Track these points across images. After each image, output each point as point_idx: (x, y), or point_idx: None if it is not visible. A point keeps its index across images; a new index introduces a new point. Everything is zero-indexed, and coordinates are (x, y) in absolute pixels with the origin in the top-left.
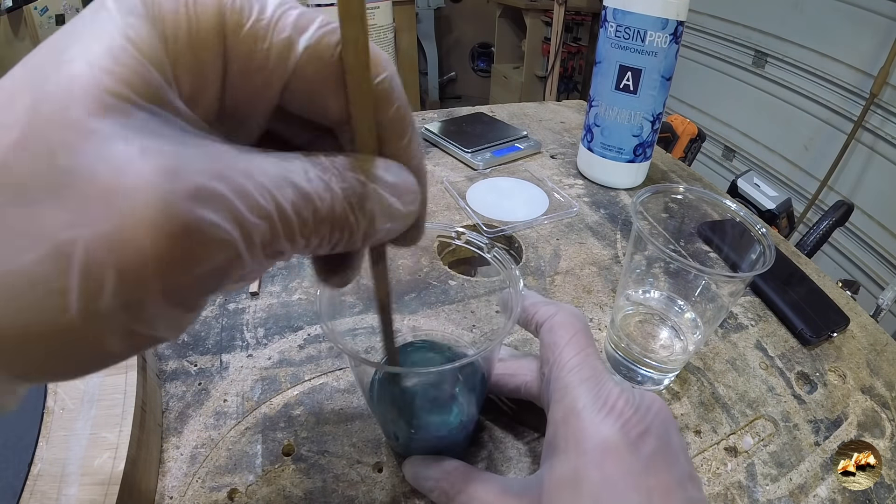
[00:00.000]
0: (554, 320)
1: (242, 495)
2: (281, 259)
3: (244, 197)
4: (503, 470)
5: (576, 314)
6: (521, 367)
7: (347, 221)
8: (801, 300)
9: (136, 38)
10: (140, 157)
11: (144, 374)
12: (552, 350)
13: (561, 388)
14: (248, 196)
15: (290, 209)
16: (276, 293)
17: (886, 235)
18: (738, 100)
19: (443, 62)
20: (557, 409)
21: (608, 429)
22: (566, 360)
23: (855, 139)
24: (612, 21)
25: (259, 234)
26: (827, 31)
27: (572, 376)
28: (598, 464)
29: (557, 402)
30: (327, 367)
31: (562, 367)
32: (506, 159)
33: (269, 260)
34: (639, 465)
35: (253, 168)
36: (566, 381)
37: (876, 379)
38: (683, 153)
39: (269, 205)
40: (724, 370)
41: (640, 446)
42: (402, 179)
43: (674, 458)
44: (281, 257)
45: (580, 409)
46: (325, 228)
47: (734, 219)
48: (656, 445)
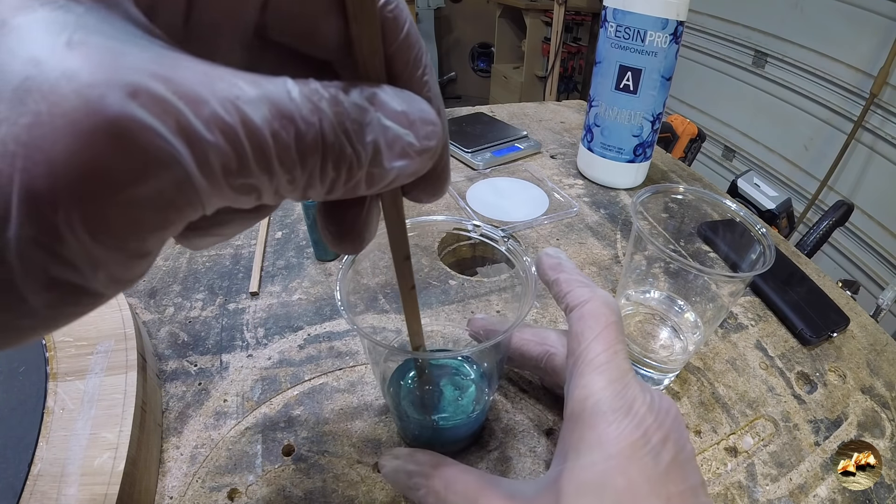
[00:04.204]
0: (585, 308)
1: (242, 495)
2: (259, 200)
3: (196, 104)
4: (504, 469)
5: (609, 304)
6: (548, 338)
7: (343, 154)
8: (801, 300)
9: None
10: (64, 50)
11: (144, 374)
12: (579, 341)
13: (584, 385)
14: (201, 104)
15: (265, 128)
16: (276, 293)
17: (886, 235)
18: (738, 100)
19: (443, 62)
20: (580, 408)
21: (631, 435)
22: (593, 357)
23: (855, 139)
24: (612, 21)
25: (218, 154)
26: (827, 31)
27: (598, 376)
28: (624, 470)
29: (580, 400)
30: (327, 367)
31: (588, 362)
32: (506, 159)
33: (239, 196)
34: (659, 471)
35: (215, 77)
36: (590, 380)
37: (876, 379)
38: (683, 153)
39: (233, 118)
40: (724, 370)
41: (661, 453)
42: (413, 107)
43: (689, 465)
44: (257, 195)
45: (605, 413)
46: (313, 160)
47: (734, 219)
48: (674, 452)
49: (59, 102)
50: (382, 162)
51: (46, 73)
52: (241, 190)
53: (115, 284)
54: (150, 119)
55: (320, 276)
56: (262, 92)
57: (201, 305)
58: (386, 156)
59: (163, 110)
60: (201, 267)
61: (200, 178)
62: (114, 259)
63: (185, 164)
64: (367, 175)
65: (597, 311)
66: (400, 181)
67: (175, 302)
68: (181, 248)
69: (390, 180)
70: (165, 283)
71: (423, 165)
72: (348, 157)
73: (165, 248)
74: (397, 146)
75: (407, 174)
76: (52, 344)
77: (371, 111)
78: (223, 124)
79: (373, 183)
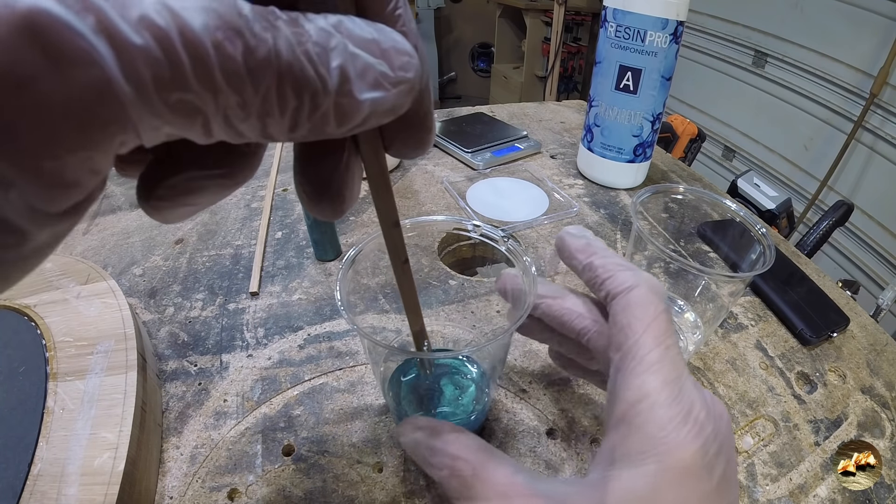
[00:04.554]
0: (631, 296)
1: (242, 495)
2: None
3: (123, 5)
4: None
5: (657, 289)
6: (591, 311)
7: (305, 76)
8: (801, 300)
9: None
10: None
11: (144, 374)
12: (626, 335)
13: (637, 387)
14: (130, 5)
15: (205, 37)
16: (276, 293)
17: (886, 235)
18: (738, 100)
19: (443, 62)
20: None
21: (691, 445)
22: (644, 354)
23: (855, 139)
24: (612, 21)
25: (147, 60)
26: (827, 31)
27: (651, 376)
28: (678, 484)
29: (633, 403)
30: (327, 367)
31: (639, 360)
32: (506, 159)
33: (178, 117)
34: (711, 487)
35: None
36: (644, 382)
37: (876, 379)
38: (683, 153)
39: (166, 22)
40: (724, 370)
41: (714, 467)
42: (384, 37)
43: (734, 479)
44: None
45: (662, 419)
46: (266, 79)
47: (734, 219)
48: (725, 466)
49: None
50: (353, 91)
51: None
52: (180, 110)
53: (38, 218)
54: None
55: (320, 276)
56: (205, 2)
57: (201, 305)
58: (356, 85)
59: (83, 7)
60: (201, 267)
61: (125, 85)
62: (29, 181)
63: (106, 67)
64: (335, 106)
65: (645, 300)
66: (376, 118)
67: (175, 302)
68: (181, 248)
69: (364, 115)
70: (165, 283)
71: (399, 100)
72: (311, 81)
73: (165, 248)
74: (369, 75)
75: (383, 110)
76: (52, 344)
77: (337, 36)
78: (154, 27)
79: (344, 117)
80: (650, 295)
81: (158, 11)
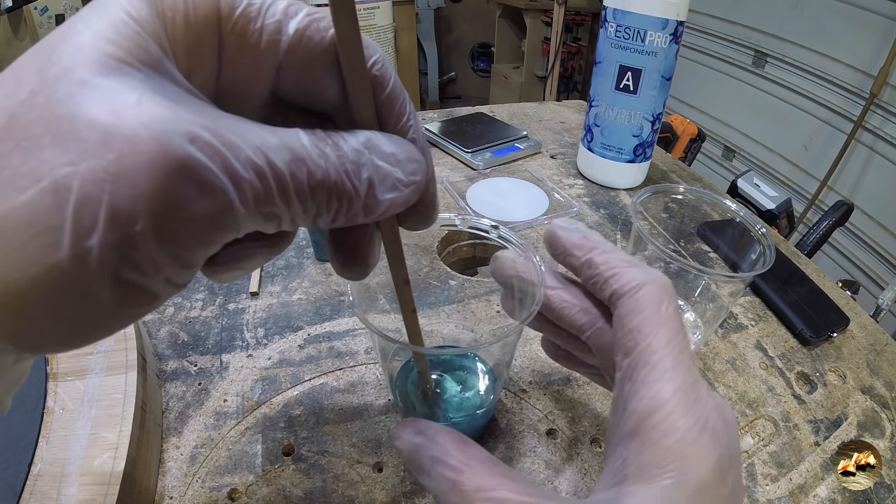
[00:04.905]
0: (640, 296)
1: (242, 495)
2: (279, 226)
3: (234, 150)
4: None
5: (667, 288)
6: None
7: (345, 188)
8: (801, 300)
9: (136, 15)
10: (137, 105)
11: (144, 374)
12: (636, 339)
13: (651, 397)
14: (238, 150)
15: (284, 168)
16: (276, 293)
17: (886, 235)
18: (738, 100)
19: (443, 62)
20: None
21: (709, 457)
22: (657, 360)
23: (855, 139)
24: (612, 21)
25: (251, 188)
26: (827, 31)
27: (665, 385)
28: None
29: (645, 415)
30: (327, 367)
31: (652, 367)
32: (506, 159)
33: (265, 221)
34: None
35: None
36: (657, 391)
37: (876, 379)
38: (683, 153)
39: (261, 161)
40: (724, 370)
41: (727, 479)
42: (400, 149)
43: (743, 488)
44: (277, 222)
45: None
46: (321, 194)
47: (734, 219)
48: (735, 477)
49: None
50: (376, 194)
51: (126, 122)
52: (267, 216)
53: (169, 287)
54: (206, 159)
55: (320, 276)
56: (281, 140)
57: (201, 305)
58: (379, 189)
59: (213, 153)
60: None
61: (240, 205)
62: (170, 265)
63: (229, 194)
64: (364, 205)
65: (655, 299)
66: (393, 210)
67: (175, 302)
68: None
69: (384, 209)
70: None
71: (410, 196)
72: (348, 191)
73: None
74: (388, 181)
75: (398, 204)
76: None
77: (366, 153)
78: (255, 165)
79: (369, 212)
80: (660, 294)
81: (256, 153)
